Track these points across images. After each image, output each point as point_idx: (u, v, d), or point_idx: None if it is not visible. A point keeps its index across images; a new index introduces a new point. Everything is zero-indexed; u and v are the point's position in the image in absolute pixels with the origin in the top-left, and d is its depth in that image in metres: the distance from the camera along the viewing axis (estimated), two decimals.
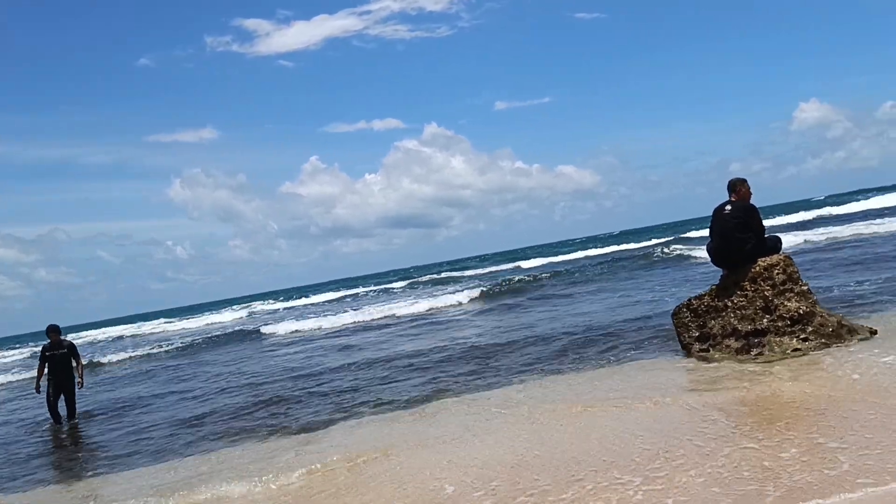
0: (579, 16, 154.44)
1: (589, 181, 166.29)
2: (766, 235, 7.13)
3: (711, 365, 6.67)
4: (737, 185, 7.19)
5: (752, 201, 7.20)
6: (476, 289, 22.81)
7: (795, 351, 6.47)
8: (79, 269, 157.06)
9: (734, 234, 6.99)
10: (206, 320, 41.46)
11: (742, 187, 7.19)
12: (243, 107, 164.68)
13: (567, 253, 45.22)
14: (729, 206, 7.12)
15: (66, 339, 11.00)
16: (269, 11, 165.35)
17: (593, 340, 9.28)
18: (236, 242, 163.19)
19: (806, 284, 6.92)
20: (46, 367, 10.59)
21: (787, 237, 12.40)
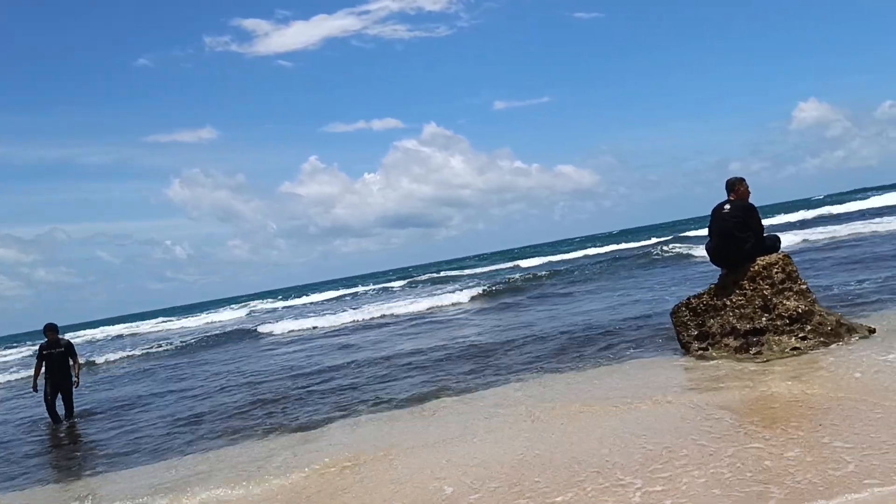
0: (578, 15, 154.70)
1: (588, 181, 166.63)
2: (764, 234, 7.12)
3: (710, 364, 6.66)
4: (735, 185, 7.17)
5: (751, 200, 7.19)
6: (475, 288, 22.80)
7: (794, 350, 6.46)
8: (78, 269, 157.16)
9: (733, 234, 6.98)
10: (206, 319, 41.42)
11: (741, 186, 7.18)
12: (242, 107, 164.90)
13: (566, 252, 45.12)
14: (728, 206, 7.11)
15: (64, 337, 10.97)
16: (268, 11, 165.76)
17: (592, 339, 9.27)
18: (235, 242, 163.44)
19: (805, 283, 6.91)
20: (44, 366, 10.57)
21: (786, 236, 12.41)
